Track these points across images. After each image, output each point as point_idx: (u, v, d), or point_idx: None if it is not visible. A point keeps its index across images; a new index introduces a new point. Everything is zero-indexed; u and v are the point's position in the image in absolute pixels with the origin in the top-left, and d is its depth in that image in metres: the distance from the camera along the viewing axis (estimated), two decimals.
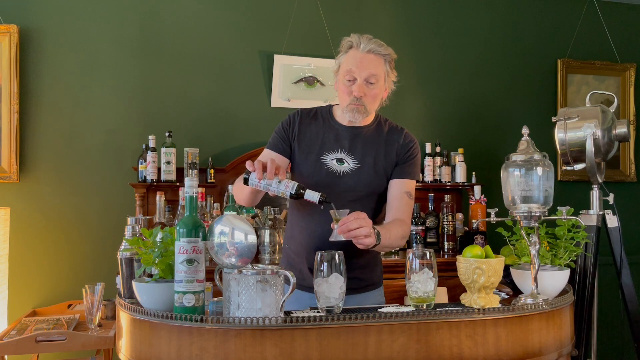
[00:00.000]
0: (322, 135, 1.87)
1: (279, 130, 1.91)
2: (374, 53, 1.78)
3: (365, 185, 1.83)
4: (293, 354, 1.31)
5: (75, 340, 2.33)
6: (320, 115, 1.92)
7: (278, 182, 1.57)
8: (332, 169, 1.83)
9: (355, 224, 1.55)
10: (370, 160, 1.84)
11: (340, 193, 1.80)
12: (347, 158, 1.84)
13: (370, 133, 1.88)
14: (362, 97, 1.78)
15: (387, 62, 1.81)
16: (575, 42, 3.82)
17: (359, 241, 1.58)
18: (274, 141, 1.90)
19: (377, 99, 1.83)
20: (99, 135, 3.15)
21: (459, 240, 3.25)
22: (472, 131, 3.67)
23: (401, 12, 3.60)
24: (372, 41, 1.78)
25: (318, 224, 1.81)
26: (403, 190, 1.85)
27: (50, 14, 3.11)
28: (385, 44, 1.81)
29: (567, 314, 1.63)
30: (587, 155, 2.33)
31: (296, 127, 1.88)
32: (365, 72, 1.76)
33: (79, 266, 3.08)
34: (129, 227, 1.65)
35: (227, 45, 3.33)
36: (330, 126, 1.89)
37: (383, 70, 1.80)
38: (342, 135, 1.87)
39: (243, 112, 3.33)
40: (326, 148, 1.85)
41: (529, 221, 1.63)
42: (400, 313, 1.40)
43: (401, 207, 1.84)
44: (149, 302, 1.42)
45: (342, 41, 1.83)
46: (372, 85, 1.79)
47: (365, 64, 1.77)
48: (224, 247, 1.38)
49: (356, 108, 1.79)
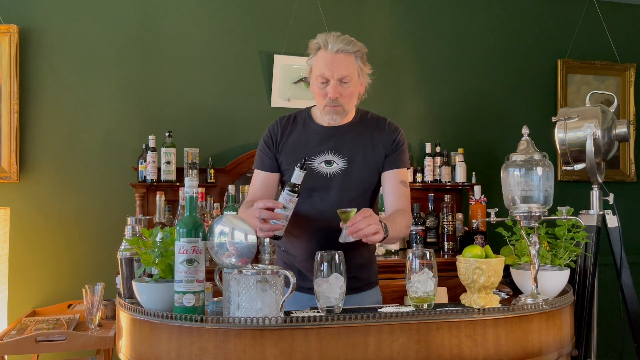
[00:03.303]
0: (305, 140, 1.85)
1: (262, 146, 1.90)
2: (343, 52, 1.73)
3: (358, 182, 1.82)
4: (293, 354, 1.31)
5: (75, 340, 2.33)
6: (299, 119, 1.89)
7: (284, 208, 1.61)
8: (321, 172, 1.81)
9: (364, 224, 1.54)
10: (359, 157, 1.83)
11: (334, 194, 1.80)
12: (335, 159, 1.82)
13: (354, 129, 1.85)
14: (338, 98, 1.75)
15: (359, 58, 1.77)
16: (575, 42, 3.82)
17: (369, 239, 1.57)
18: (260, 159, 1.90)
19: (354, 97, 1.81)
20: (99, 135, 3.15)
21: (459, 240, 3.25)
22: (472, 131, 3.67)
23: (401, 12, 3.60)
24: (340, 39, 1.74)
25: (315, 224, 1.81)
26: (397, 180, 1.84)
27: (50, 14, 3.11)
28: (354, 40, 1.77)
29: (567, 314, 1.63)
30: (587, 155, 2.33)
31: (277, 138, 1.87)
32: (337, 72, 1.73)
33: (78, 266, 3.08)
34: (129, 227, 1.65)
35: (227, 45, 3.33)
36: (312, 129, 1.86)
37: (355, 67, 1.77)
38: (326, 136, 1.84)
39: (243, 112, 3.33)
40: (312, 152, 1.83)
41: (529, 221, 1.63)
42: (400, 313, 1.40)
43: (399, 196, 1.83)
44: (149, 302, 1.42)
45: (309, 43, 1.79)
46: (346, 85, 1.75)
47: (335, 64, 1.73)
48: (224, 247, 1.38)
49: (333, 109, 1.77)
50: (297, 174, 1.62)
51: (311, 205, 1.81)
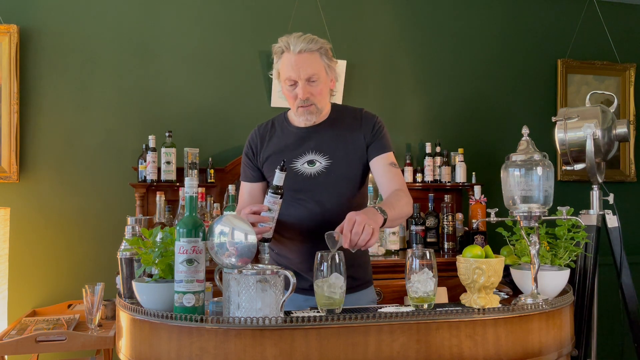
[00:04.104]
0: (285, 144, 1.85)
1: (244, 159, 1.92)
2: (306, 51, 1.73)
3: (343, 178, 1.82)
4: (293, 354, 1.31)
5: (75, 340, 2.33)
6: (277, 125, 1.91)
7: (269, 210, 1.67)
8: (305, 173, 1.81)
9: (356, 237, 1.49)
10: (341, 153, 1.82)
11: (322, 193, 1.80)
12: (317, 158, 1.82)
13: (331, 126, 1.85)
14: (309, 97, 1.75)
15: (323, 55, 1.77)
16: (575, 42, 3.82)
17: (369, 243, 1.52)
18: (244, 171, 1.93)
19: (324, 94, 1.80)
20: (99, 135, 3.15)
21: (459, 240, 3.25)
22: (472, 131, 3.67)
23: (401, 12, 3.60)
24: (302, 39, 1.73)
25: (306, 225, 1.80)
26: (386, 163, 1.83)
27: (50, 14, 3.11)
28: (316, 37, 1.76)
29: (567, 314, 1.63)
30: (587, 155, 2.33)
31: (257, 147, 1.89)
32: (303, 72, 1.73)
33: (79, 266, 3.08)
34: (129, 227, 1.65)
35: (227, 45, 3.33)
36: (290, 132, 1.87)
37: (321, 65, 1.76)
38: (305, 137, 1.84)
39: (243, 112, 3.33)
40: (293, 154, 1.83)
41: (529, 221, 1.63)
42: (400, 313, 1.40)
43: (392, 178, 1.82)
44: (149, 302, 1.42)
45: (273, 47, 1.79)
46: (315, 83, 1.75)
47: (300, 65, 1.73)
48: (224, 247, 1.38)
49: (307, 110, 1.78)
50: (278, 176, 1.66)
51: (300, 206, 1.81)
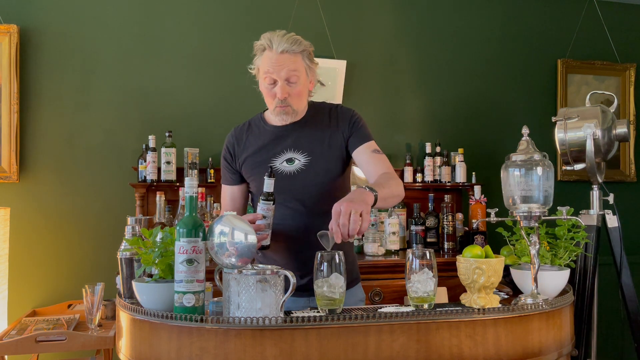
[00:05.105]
0: (262, 143, 1.85)
1: (223, 162, 1.92)
2: (289, 52, 1.72)
3: (323, 174, 1.80)
4: (293, 354, 1.31)
5: (75, 340, 2.33)
6: (253, 125, 1.91)
7: (263, 217, 1.68)
8: (285, 172, 1.80)
9: (345, 229, 1.45)
10: (319, 149, 1.81)
11: (302, 191, 1.79)
12: (296, 156, 1.81)
13: (309, 122, 1.85)
14: (287, 98, 1.75)
15: (305, 57, 1.76)
16: (575, 42, 3.82)
17: (362, 226, 1.47)
18: (224, 175, 1.93)
19: (303, 96, 1.80)
20: (99, 135, 3.15)
21: (459, 240, 3.26)
22: (472, 131, 3.67)
23: (401, 12, 3.60)
24: (285, 39, 1.72)
25: (291, 224, 1.79)
26: (370, 150, 1.81)
27: (50, 14, 3.11)
28: (300, 39, 1.75)
29: (567, 314, 1.63)
30: (587, 155, 2.33)
31: (234, 150, 1.89)
32: (283, 72, 1.72)
33: (78, 266, 3.08)
34: (129, 227, 1.65)
35: (227, 45, 3.33)
36: (267, 131, 1.86)
37: (302, 66, 1.76)
38: (283, 135, 1.84)
39: (243, 112, 3.31)
40: (272, 154, 1.82)
41: (529, 221, 1.63)
42: (400, 313, 1.40)
43: (377, 163, 1.80)
44: (149, 302, 1.42)
45: (254, 44, 1.79)
46: (294, 84, 1.75)
47: (281, 64, 1.72)
48: (224, 247, 1.38)
49: (283, 110, 1.77)
50: (268, 183, 1.67)
51: (283, 206, 1.80)
